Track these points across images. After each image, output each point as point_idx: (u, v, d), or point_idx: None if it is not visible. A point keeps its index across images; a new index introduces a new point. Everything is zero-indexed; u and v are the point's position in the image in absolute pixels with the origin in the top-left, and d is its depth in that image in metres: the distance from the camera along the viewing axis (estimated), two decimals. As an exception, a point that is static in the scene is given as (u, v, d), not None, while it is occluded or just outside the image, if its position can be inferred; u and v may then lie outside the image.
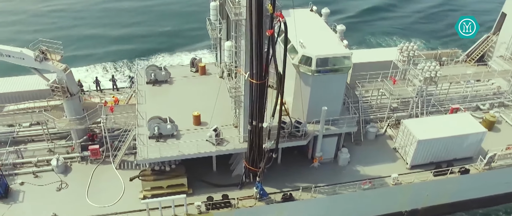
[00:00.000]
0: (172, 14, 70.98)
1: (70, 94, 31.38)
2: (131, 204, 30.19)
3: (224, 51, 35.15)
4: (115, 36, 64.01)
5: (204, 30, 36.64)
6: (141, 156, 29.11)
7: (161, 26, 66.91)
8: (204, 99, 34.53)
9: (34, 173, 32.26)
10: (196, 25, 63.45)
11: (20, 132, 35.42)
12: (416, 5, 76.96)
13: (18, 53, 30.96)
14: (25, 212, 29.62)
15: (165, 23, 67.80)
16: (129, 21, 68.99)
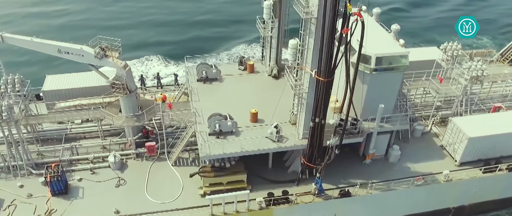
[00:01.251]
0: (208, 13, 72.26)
1: (129, 91, 31.66)
2: (191, 200, 30.60)
3: (273, 49, 36.27)
4: (152, 34, 64.65)
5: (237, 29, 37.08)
6: (204, 153, 29.48)
7: (198, 25, 67.85)
8: (255, 96, 35.20)
9: (92, 170, 32.50)
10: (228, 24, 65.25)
11: (72, 129, 35.59)
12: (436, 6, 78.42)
13: (78, 50, 31.18)
14: (86, 208, 29.86)
15: (201, 22, 68.82)
16: (168, 19, 69.72)
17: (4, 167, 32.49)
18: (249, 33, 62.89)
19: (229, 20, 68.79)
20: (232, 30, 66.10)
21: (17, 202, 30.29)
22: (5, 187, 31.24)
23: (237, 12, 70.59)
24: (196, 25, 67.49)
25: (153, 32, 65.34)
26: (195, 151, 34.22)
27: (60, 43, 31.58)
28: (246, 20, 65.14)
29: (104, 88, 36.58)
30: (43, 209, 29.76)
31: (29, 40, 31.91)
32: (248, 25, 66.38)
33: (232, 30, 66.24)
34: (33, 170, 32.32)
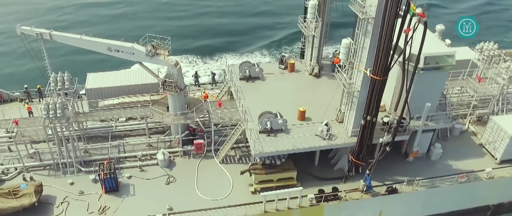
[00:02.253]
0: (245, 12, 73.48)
1: (179, 89, 31.94)
2: (242, 197, 30.96)
3: (315, 48, 36.72)
4: (187, 33, 65.29)
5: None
6: (257, 150, 29.84)
7: (234, 24, 68.97)
8: (298, 95, 35.64)
9: (140, 167, 32.72)
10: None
11: (117, 127, 35.77)
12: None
13: (128, 48, 31.45)
14: (139, 205, 30.07)
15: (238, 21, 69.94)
16: (201, 17, 70.73)
17: (53, 165, 32.67)
18: (267, 36, 64.00)
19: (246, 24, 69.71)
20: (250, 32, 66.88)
21: (69, 199, 30.52)
22: (56, 184, 31.41)
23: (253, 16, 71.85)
24: (213, 28, 68.34)
25: (179, 31, 66.01)
26: (241, 149, 34.65)
27: (110, 41, 31.87)
28: (263, 25, 66.29)
29: (146, 86, 37.09)
30: (95, 206, 29.99)
31: (78, 38, 32.10)
32: (265, 29, 67.87)
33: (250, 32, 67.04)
34: (82, 168, 32.51)
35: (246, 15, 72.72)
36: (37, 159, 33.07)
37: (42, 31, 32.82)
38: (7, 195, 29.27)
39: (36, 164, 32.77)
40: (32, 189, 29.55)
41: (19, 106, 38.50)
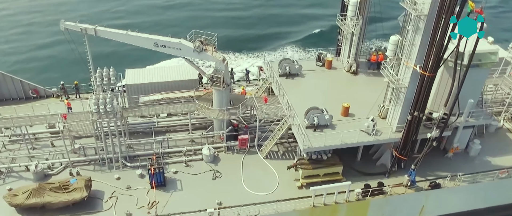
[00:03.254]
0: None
1: (226, 85, 32.17)
2: (289, 192, 31.24)
3: (353, 45, 37.10)
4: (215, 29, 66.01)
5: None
6: (306, 145, 30.13)
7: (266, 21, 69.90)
8: (338, 91, 35.99)
9: (186, 162, 32.89)
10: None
11: (158, 123, 35.91)
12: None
13: (176, 44, 31.68)
14: (187, 200, 30.21)
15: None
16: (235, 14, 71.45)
17: (99, 160, 32.74)
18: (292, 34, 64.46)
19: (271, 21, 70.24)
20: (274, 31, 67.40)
21: (117, 194, 30.63)
22: (103, 179, 31.49)
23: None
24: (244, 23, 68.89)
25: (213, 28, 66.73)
26: (283, 144, 34.93)
27: (157, 36, 32.06)
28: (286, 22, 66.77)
29: (184, 83, 37.25)
30: (144, 201, 30.12)
31: (124, 34, 32.28)
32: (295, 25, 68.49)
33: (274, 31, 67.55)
34: (128, 163, 32.62)
35: (275, 11, 73.95)
36: (82, 154, 33.16)
37: (87, 26, 32.97)
38: (57, 189, 29.34)
39: (81, 159, 32.86)
40: (82, 183, 29.64)
41: (55, 102, 38.66)
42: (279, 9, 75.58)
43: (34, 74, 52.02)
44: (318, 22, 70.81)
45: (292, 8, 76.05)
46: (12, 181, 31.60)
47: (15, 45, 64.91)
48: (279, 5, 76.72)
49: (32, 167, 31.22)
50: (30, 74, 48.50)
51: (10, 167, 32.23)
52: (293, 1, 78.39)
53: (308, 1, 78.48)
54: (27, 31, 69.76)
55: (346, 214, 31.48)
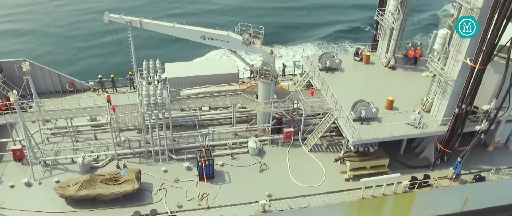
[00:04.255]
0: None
1: (273, 77, 32.28)
2: (337, 184, 31.42)
3: (392, 40, 37.34)
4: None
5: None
6: (355, 137, 30.32)
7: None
8: (378, 86, 36.23)
9: (232, 155, 32.93)
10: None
11: (200, 116, 35.95)
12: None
13: (224, 36, 31.69)
14: (237, 192, 30.29)
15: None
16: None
17: (145, 152, 32.69)
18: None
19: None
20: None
21: (166, 186, 30.61)
22: (150, 172, 31.44)
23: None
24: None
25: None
26: (326, 138, 35.09)
27: (204, 29, 32.05)
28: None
29: (224, 76, 37.31)
30: (192, 193, 30.14)
31: (171, 26, 32.20)
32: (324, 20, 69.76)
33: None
34: (174, 156, 32.60)
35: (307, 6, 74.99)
36: (126, 147, 33.09)
37: (132, 18, 32.85)
38: (108, 181, 29.27)
39: (127, 151, 32.81)
40: (133, 175, 29.60)
41: (92, 96, 38.48)
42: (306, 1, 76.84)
43: (72, 68, 51.71)
44: (343, 18, 71.92)
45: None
46: (58, 174, 31.51)
47: (54, 39, 64.88)
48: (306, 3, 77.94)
49: (79, 159, 31.11)
50: (67, 68, 48.04)
51: (55, 159, 32.13)
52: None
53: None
54: (66, 24, 70.02)
55: (392, 206, 31.76)
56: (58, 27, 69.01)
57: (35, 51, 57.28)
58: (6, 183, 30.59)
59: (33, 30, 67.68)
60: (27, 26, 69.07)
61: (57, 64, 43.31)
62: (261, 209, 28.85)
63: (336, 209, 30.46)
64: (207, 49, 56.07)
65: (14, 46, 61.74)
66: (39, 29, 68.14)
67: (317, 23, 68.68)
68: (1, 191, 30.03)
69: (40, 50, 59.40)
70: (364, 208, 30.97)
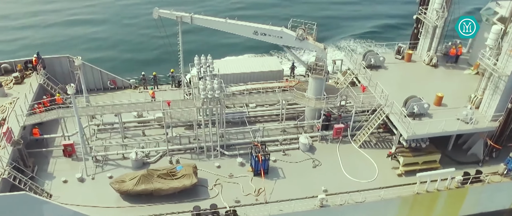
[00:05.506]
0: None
1: (326, 73, 32.39)
2: (390, 179, 31.50)
3: (436, 38, 37.59)
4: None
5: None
6: (410, 132, 30.44)
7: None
8: (422, 83, 36.38)
9: (284, 151, 32.89)
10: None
11: (250, 112, 35.97)
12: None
13: (277, 32, 31.90)
14: (292, 188, 30.26)
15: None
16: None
17: (196, 148, 32.53)
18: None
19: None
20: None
21: (221, 182, 30.47)
22: (203, 167, 31.26)
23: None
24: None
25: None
26: (374, 134, 35.16)
27: (257, 24, 32.21)
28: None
29: (269, 74, 37.41)
30: (247, 188, 30.03)
31: (223, 22, 32.36)
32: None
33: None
34: (226, 151, 32.47)
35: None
36: (176, 143, 32.92)
37: (183, 14, 32.94)
38: (165, 176, 29.07)
39: (179, 147, 32.64)
40: (190, 170, 29.44)
41: (134, 93, 38.37)
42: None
43: (113, 64, 51.43)
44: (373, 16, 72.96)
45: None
46: (110, 169, 31.26)
47: (97, 35, 64.88)
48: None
49: (132, 155, 30.88)
50: (107, 64, 47.58)
51: (106, 155, 31.86)
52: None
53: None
54: (105, 20, 70.39)
55: (445, 201, 31.85)
56: (96, 23, 69.13)
57: (74, 48, 56.40)
58: (59, 178, 30.32)
59: (71, 26, 67.66)
60: (65, 22, 69.15)
61: (98, 61, 42.74)
62: (319, 203, 28.84)
63: (391, 204, 30.50)
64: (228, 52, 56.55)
65: (54, 42, 61.54)
66: (77, 25, 68.16)
67: (341, 23, 69.20)
68: (54, 186, 29.76)
69: (79, 47, 58.69)
70: (417, 203, 31.04)
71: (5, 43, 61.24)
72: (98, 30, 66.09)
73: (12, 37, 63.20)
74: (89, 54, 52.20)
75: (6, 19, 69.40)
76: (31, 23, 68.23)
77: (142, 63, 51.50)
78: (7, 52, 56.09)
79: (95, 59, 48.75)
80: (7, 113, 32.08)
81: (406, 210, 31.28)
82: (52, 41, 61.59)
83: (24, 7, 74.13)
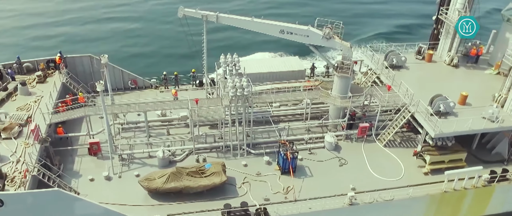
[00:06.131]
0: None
1: (353, 72, 32.48)
2: (415, 178, 31.51)
3: (456, 39, 37.84)
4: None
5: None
6: (437, 131, 30.49)
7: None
8: (444, 82, 36.50)
9: (310, 150, 32.86)
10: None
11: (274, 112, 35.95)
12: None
13: (304, 31, 32.04)
14: (321, 185, 30.18)
15: None
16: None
17: (222, 147, 32.43)
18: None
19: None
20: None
21: (249, 180, 30.36)
22: (231, 166, 31.11)
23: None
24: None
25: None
26: (397, 133, 35.17)
27: (284, 23, 32.32)
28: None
29: (293, 73, 37.48)
30: (276, 186, 29.93)
31: (249, 20, 32.49)
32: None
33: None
34: (252, 150, 32.39)
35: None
36: (201, 141, 32.81)
37: (208, 13, 33.00)
38: (194, 174, 28.93)
39: (205, 146, 32.53)
40: (219, 168, 29.32)
41: (155, 93, 38.27)
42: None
43: (133, 63, 51.27)
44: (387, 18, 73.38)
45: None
46: (136, 168, 31.09)
47: (111, 35, 64.82)
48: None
49: (159, 153, 30.72)
50: (129, 64, 47.78)
51: (132, 153, 31.70)
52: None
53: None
54: (123, 18, 70.42)
55: (471, 200, 31.87)
56: (112, 20, 69.31)
57: (94, 48, 55.88)
58: (85, 176, 30.12)
59: (89, 26, 67.75)
60: (84, 21, 69.22)
61: (116, 60, 42.63)
62: (348, 201, 28.77)
63: (419, 203, 30.49)
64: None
65: (73, 42, 61.66)
66: (94, 25, 68.26)
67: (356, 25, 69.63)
68: (81, 184, 29.54)
69: (100, 47, 58.16)
70: (444, 201, 31.05)
71: (26, 41, 61.48)
72: (119, 29, 66.39)
73: (32, 36, 63.46)
74: (110, 54, 52.53)
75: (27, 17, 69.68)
76: (52, 22, 68.43)
77: (162, 63, 51.43)
78: (28, 50, 56.18)
79: (116, 58, 48.72)
80: (33, 111, 31.96)
81: (433, 208, 31.28)
82: (73, 40, 61.88)
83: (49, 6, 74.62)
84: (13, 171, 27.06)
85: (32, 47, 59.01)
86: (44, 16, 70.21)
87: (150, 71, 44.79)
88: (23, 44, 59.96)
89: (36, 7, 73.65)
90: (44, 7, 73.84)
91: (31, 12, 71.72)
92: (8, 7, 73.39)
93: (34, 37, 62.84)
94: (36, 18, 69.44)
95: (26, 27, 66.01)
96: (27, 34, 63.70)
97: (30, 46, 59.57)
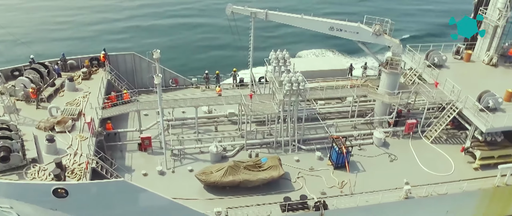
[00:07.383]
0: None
1: (401, 68, 32.79)
2: (466, 173, 31.68)
3: (495, 38, 38.45)
4: None
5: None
6: (487, 126, 30.75)
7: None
8: (486, 81, 36.70)
9: (359, 146, 32.97)
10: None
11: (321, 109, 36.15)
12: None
13: (354, 27, 32.30)
14: (375, 181, 30.14)
15: None
16: None
17: (273, 143, 32.43)
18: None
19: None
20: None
21: (303, 175, 30.34)
22: (284, 161, 30.89)
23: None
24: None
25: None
26: (442, 130, 35.40)
27: (333, 20, 32.63)
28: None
29: (335, 72, 37.74)
30: (330, 181, 29.96)
31: (299, 18, 32.77)
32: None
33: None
34: (303, 146, 32.43)
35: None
36: (251, 137, 32.81)
37: (257, 10, 33.27)
38: (252, 168, 28.87)
39: (256, 142, 32.54)
40: (276, 161, 29.31)
41: (196, 92, 38.27)
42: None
43: (173, 62, 51.07)
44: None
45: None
46: (188, 163, 30.96)
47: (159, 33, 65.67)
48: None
49: (212, 148, 30.64)
50: (170, 62, 46.99)
51: (183, 149, 31.59)
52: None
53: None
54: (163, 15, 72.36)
55: (522, 195, 32.10)
56: (152, 17, 69.93)
57: (139, 47, 56.39)
58: (138, 171, 29.94)
59: (132, 23, 68.69)
60: (127, 19, 70.36)
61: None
62: (404, 195, 28.83)
63: (471, 197, 30.65)
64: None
65: (117, 39, 62.17)
66: (137, 22, 69.09)
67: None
68: (135, 179, 29.30)
69: (144, 45, 58.46)
70: (496, 196, 31.21)
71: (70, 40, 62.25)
72: (159, 27, 67.23)
73: (75, 36, 64.30)
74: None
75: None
76: (92, 20, 69.37)
77: (203, 61, 51.45)
78: (70, 47, 56.81)
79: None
80: (82, 106, 31.82)
81: (485, 203, 31.41)
82: (116, 39, 62.41)
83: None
84: (72, 163, 26.88)
85: (74, 45, 59.59)
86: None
87: (189, 70, 44.77)
88: (68, 41, 60.80)
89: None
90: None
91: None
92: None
93: (79, 36, 63.66)
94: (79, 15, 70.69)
95: (71, 23, 67.06)
96: (73, 32, 64.70)
97: (73, 44, 60.25)
